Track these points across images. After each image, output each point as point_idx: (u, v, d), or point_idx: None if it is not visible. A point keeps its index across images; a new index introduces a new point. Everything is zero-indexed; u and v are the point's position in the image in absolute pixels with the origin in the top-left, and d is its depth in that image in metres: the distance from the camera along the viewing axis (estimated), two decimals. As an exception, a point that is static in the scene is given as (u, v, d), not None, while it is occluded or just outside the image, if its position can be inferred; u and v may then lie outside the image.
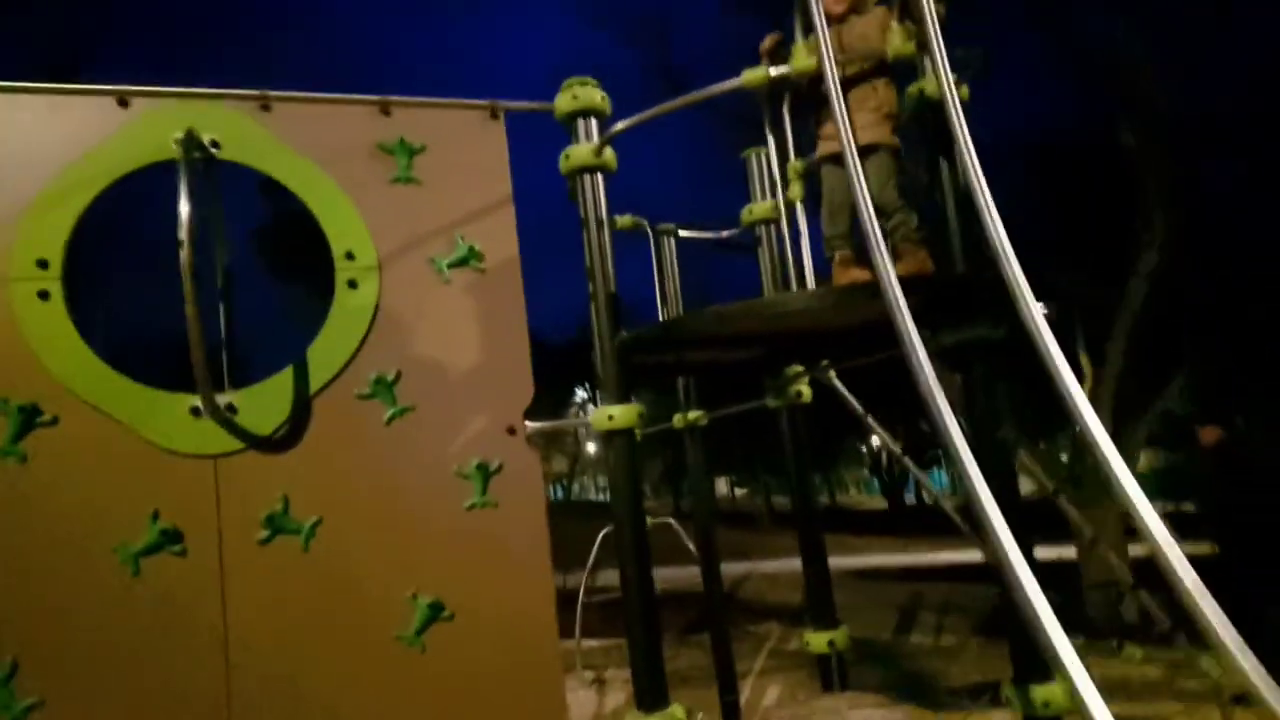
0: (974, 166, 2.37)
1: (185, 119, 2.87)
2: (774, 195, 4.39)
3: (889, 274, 2.21)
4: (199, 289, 2.47)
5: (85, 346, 2.68)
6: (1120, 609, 6.97)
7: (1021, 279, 2.15)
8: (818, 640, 4.08)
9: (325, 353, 2.94)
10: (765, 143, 4.68)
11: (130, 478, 2.65)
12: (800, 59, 2.87)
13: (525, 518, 3.06)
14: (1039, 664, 2.86)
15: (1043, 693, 2.80)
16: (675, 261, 5.29)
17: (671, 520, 7.31)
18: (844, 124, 2.49)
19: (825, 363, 4.00)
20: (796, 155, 4.13)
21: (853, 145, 2.48)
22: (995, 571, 1.94)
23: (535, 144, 3.86)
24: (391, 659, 2.81)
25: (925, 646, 7.30)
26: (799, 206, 4.03)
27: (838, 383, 4.01)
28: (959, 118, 2.46)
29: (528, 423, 3.14)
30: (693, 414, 5.57)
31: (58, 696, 2.46)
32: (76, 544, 2.56)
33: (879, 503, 38.65)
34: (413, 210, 3.15)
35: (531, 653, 2.96)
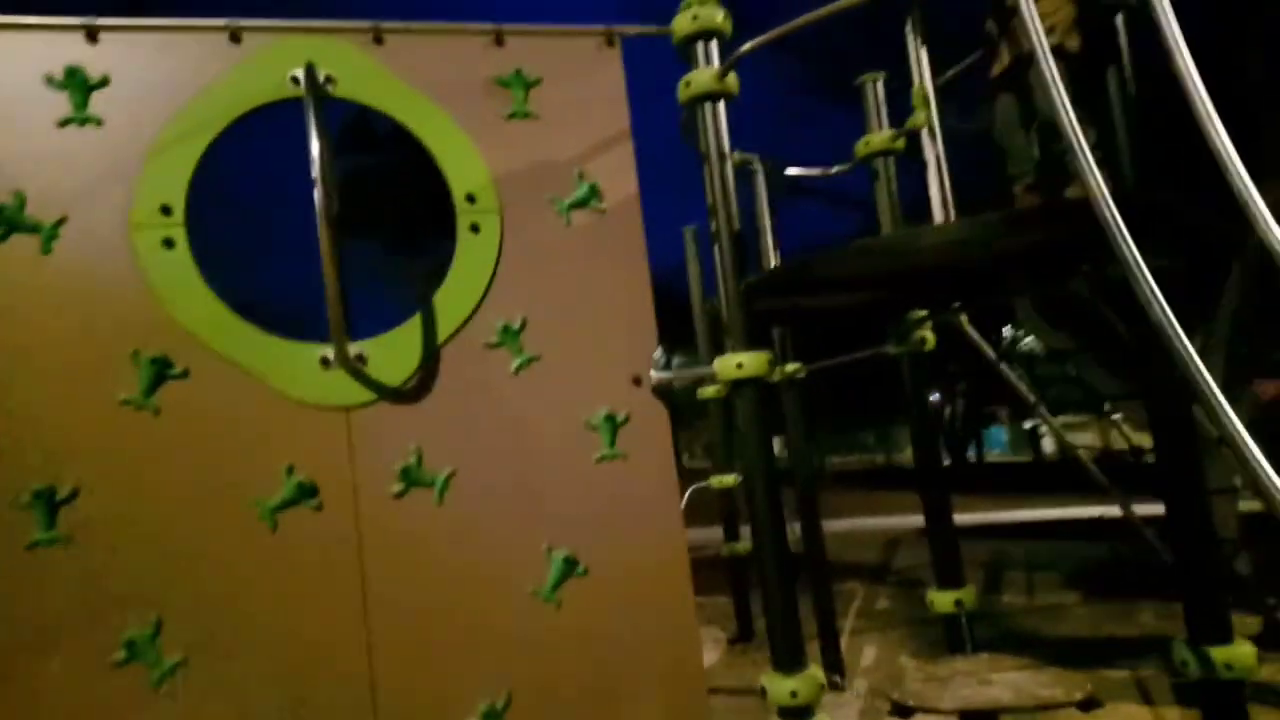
0: (1189, 72, 2.08)
1: (300, 54, 2.73)
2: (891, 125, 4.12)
3: (1102, 190, 1.97)
4: (331, 233, 2.34)
5: (214, 296, 2.58)
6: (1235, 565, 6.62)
7: (1259, 200, 1.88)
8: (943, 600, 3.91)
9: (452, 300, 2.81)
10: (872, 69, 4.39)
11: (263, 431, 2.57)
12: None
13: (655, 471, 2.93)
14: (1218, 624, 2.66)
15: (1224, 654, 2.59)
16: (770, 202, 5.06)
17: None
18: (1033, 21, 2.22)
19: (956, 305, 3.75)
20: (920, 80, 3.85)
21: (1046, 46, 2.21)
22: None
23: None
24: (528, 615, 2.71)
25: (1022, 605, 7.09)
26: (927, 135, 3.76)
27: (970, 328, 3.77)
28: (1165, 10, 2.16)
29: (653, 372, 2.99)
30: (790, 366, 5.38)
31: (202, 653, 2.42)
32: (213, 500, 2.50)
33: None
34: (531, 148, 2.97)
35: (666, 610, 2.84)
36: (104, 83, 2.59)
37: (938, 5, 3.53)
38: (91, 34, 2.60)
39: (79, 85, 2.56)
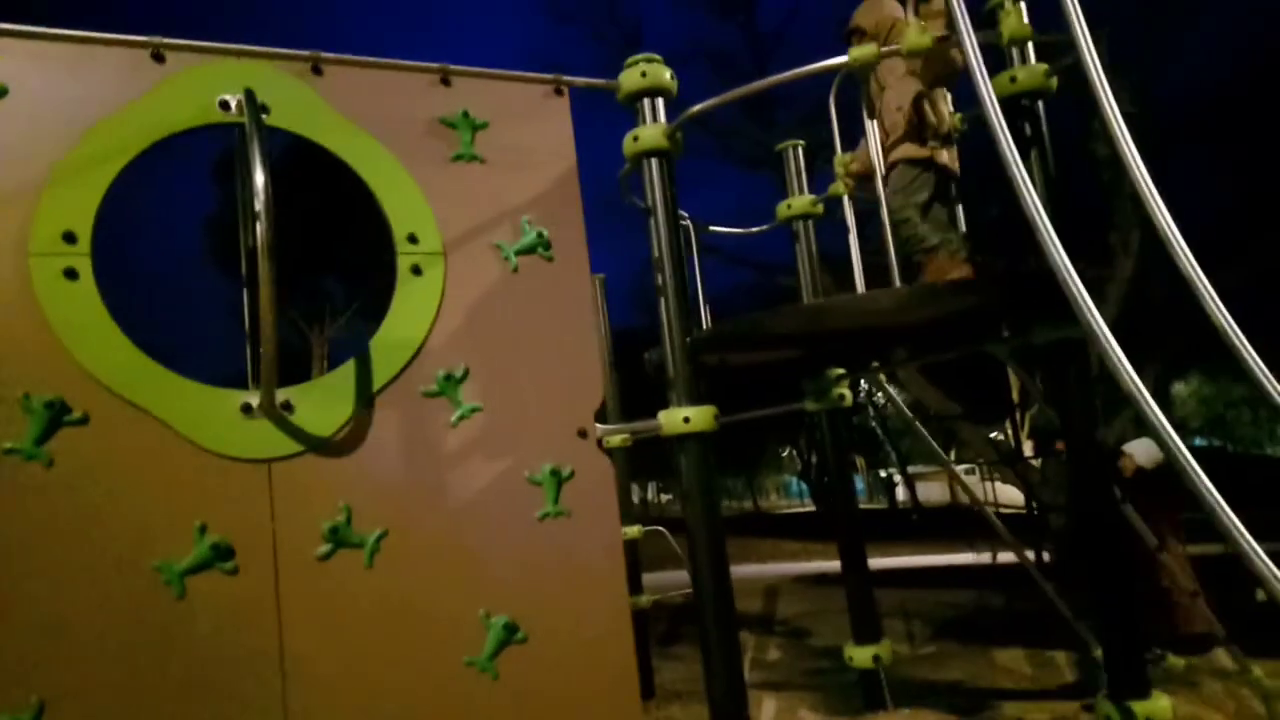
0: (1128, 148, 2.24)
1: (230, 78, 2.55)
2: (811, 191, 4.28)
3: (1064, 260, 2.07)
4: (271, 268, 2.15)
5: (120, 334, 2.31)
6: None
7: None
8: (862, 655, 3.94)
9: (389, 346, 2.64)
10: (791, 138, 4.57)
11: (173, 485, 2.30)
12: (914, 37, 2.73)
13: (599, 528, 2.82)
14: (1138, 680, 2.78)
15: (1144, 708, 2.71)
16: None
17: (661, 528, 7.14)
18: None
19: (875, 364, 3.87)
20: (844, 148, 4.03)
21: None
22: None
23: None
24: (462, 686, 2.52)
25: (906, 654, 7.27)
26: (847, 201, 3.92)
27: (889, 387, 3.90)
28: (1104, 89, 2.33)
29: (598, 425, 2.90)
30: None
31: (91, 742, 2.10)
32: (112, 562, 2.20)
33: (800, 507, 39.29)
34: (476, 191, 2.87)
35: (609, 678, 2.71)
36: (0, 94, 2.31)
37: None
38: (-11, 39, 2.33)
39: (-30, 94, 2.28)
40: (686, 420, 2.85)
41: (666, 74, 3.06)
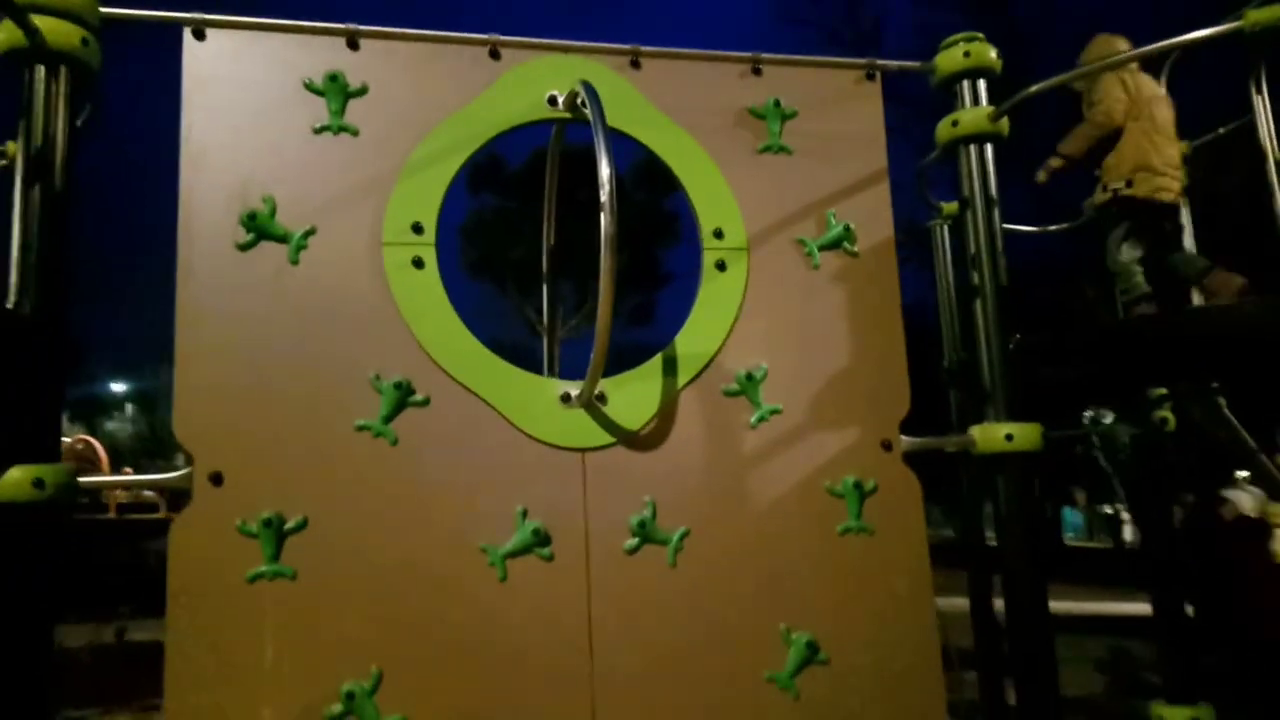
0: None
1: (558, 73, 2.59)
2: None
3: None
4: (613, 260, 2.13)
5: (459, 321, 2.41)
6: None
7: None
8: (1176, 715, 3.42)
9: (694, 341, 2.58)
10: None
11: (499, 468, 2.35)
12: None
13: (905, 550, 2.60)
14: None
15: None
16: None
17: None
18: None
19: (1215, 385, 3.35)
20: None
21: None
22: None
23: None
24: (763, 701, 2.40)
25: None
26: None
27: (1227, 411, 3.35)
28: None
29: (903, 437, 2.68)
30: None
31: (422, 714, 2.18)
32: (445, 539, 2.28)
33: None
34: (782, 183, 2.75)
35: (916, 716, 2.49)
36: (362, 91, 2.48)
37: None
38: (353, 41, 2.50)
39: (338, 92, 2.45)
40: (1009, 438, 2.56)
41: (991, 53, 2.78)
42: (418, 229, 2.42)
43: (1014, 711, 2.56)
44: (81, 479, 2.14)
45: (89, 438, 12.97)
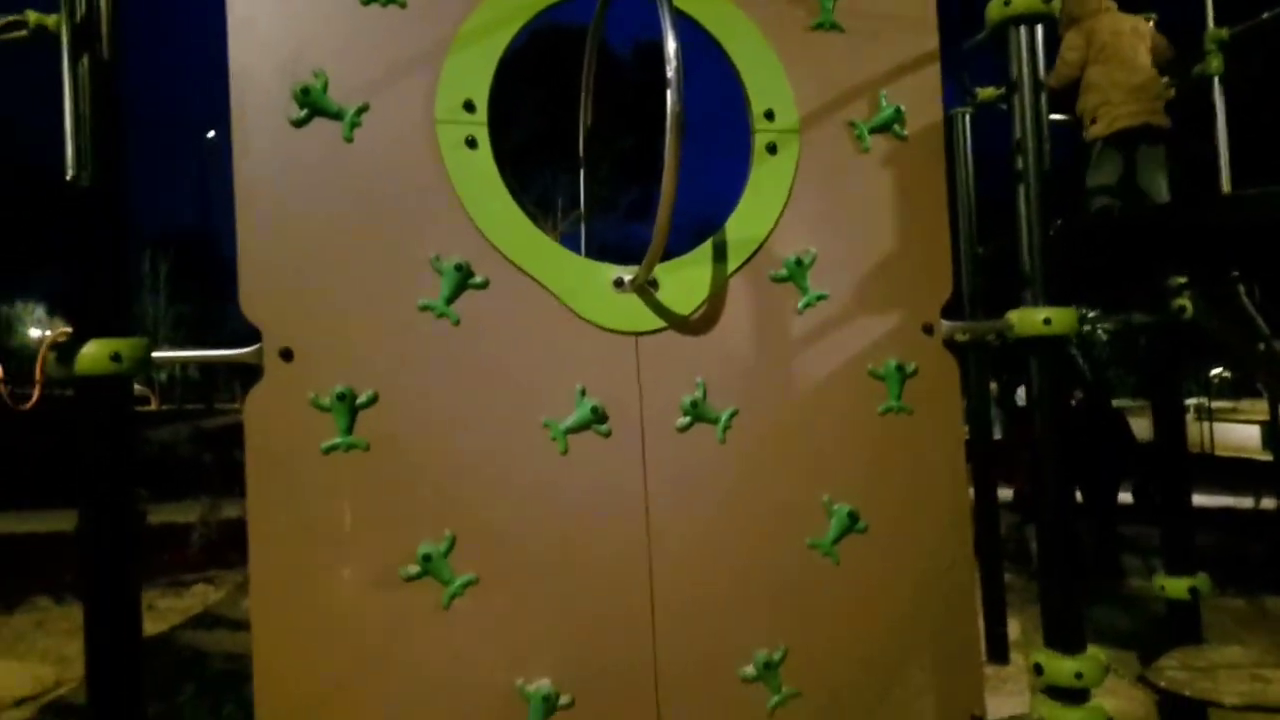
0: None
1: (610, -58, 2.49)
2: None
3: None
4: (678, 141, 2.12)
5: (514, 204, 2.41)
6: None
7: None
8: (1175, 586, 3.66)
9: (743, 226, 2.60)
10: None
11: (558, 350, 2.42)
12: None
13: (941, 430, 2.72)
14: None
15: None
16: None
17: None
18: None
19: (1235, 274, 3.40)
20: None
21: None
22: None
23: None
24: (807, 567, 2.56)
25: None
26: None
27: (1246, 300, 3.42)
28: None
29: (944, 321, 2.75)
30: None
31: (492, 574, 2.33)
32: (508, 416, 2.37)
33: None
34: (833, 62, 2.70)
35: (948, 583, 2.67)
36: (408, -41, 2.38)
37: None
38: (395, -95, 2.39)
39: (384, -40, 2.36)
40: (1047, 322, 2.63)
41: (1048, -69, 2.68)
42: (469, 107, 2.39)
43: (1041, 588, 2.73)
44: (155, 353, 2.19)
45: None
